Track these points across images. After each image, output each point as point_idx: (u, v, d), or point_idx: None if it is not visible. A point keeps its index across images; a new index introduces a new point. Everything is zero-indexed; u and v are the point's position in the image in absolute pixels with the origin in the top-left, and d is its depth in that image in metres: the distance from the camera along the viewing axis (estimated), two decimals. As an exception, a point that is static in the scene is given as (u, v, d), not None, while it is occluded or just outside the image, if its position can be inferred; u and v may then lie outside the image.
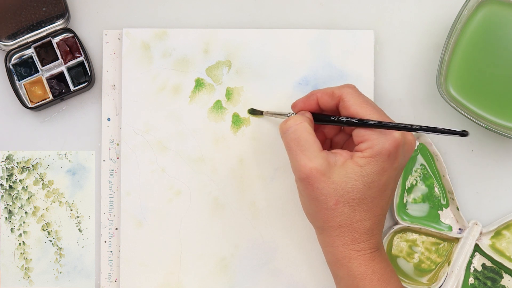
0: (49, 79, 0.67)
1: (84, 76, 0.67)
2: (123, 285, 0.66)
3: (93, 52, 0.68)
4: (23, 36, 0.67)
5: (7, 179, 0.67)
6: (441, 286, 0.66)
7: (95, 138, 0.68)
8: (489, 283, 0.67)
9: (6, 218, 0.67)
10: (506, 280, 0.67)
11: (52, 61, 0.67)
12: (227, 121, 0.67)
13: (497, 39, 0.64)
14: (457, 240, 0.67)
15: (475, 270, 0.67)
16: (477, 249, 0.67)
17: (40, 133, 0.68)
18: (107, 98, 0.67)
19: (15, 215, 0.67)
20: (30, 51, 0.67)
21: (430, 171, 0.67)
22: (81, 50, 0.67)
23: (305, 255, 0.66)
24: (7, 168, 0.67)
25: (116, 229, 0.67)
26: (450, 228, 0.67)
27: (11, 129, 0.68)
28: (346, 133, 0.62)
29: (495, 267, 0.67)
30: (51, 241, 0.67)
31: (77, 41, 0.67)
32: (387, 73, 0.68)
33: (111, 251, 0.67)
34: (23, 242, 0.67)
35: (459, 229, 0.67)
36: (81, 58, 0.67)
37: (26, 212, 0.67)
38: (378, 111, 0.57)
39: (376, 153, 0.55)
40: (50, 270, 0.67)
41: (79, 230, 0.67)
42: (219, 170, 0.67)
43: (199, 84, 0.67)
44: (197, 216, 0.66)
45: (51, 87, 0.67)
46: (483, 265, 0.67)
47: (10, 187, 0.67)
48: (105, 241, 0.67)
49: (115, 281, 0.67)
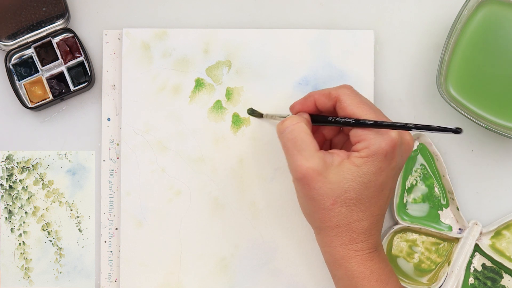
0: (49, 79, 0.67)
1: (84, 76, 0.67)
2: (123, 285, 0.66)
3: (93, 52, 0.68)
4: (23, 36, 0.67)
5: (7, 179, 0.67)
6: (441, 286, 0.66)
7: (95, 138, 0.68)
8: (489, 283, 0.67)
9: (6, 218, 0.67)
10: (506, 280, 0.67)
11: (52, 61, 0.67)
12: (227, 121, 0.67)
13: (497, 39, 0.64)
14: (457, 240, 0.67)
15: (475, 270, 0.67)
16: (477, 249, 0.67)
17: (40, 133, 0.68)
18: (107, 98, 0.67)
19: (15, 215, 0.67)
20: (30, 51, 0.67)
21: (430, 171, 0.67)
22: (81, 50, 0.67)
23: (305, 255, 0.66)
24: (7, 168, 0.67)
25: (116, 229, 0.67)
26: (450, 228, 0.67)
27: (11, 129, 0.68)
28: (345, 134, 0.62)
29: (495, 267, 0.67)
30: (51, 241, 0.67)
31: (77, 41, 0.67)
32: (387, 73, 0.68)
33: (111, 251, 0.67)
34: (23, 242, 0.67)
35: (459, 229, 0.67)
36: (81, 58, 0.67)
37: (26, 212, 0.67)
38: (375, 110, 0.57)
39: (373, 153, 0.55)
40: (50, 270, 0.67)
41: (79, 230, 0.67)
42: (219, 170, 0.66)
43: (199, 84, 0.67)
44: (197, 216, 0.66)
45: (51, 87, 0.67)
46: (483, 265, 0.67)
47: (10, 187, 0.67)
48: (105, 241, 0.67)
49: (115, 281, 0.67)
